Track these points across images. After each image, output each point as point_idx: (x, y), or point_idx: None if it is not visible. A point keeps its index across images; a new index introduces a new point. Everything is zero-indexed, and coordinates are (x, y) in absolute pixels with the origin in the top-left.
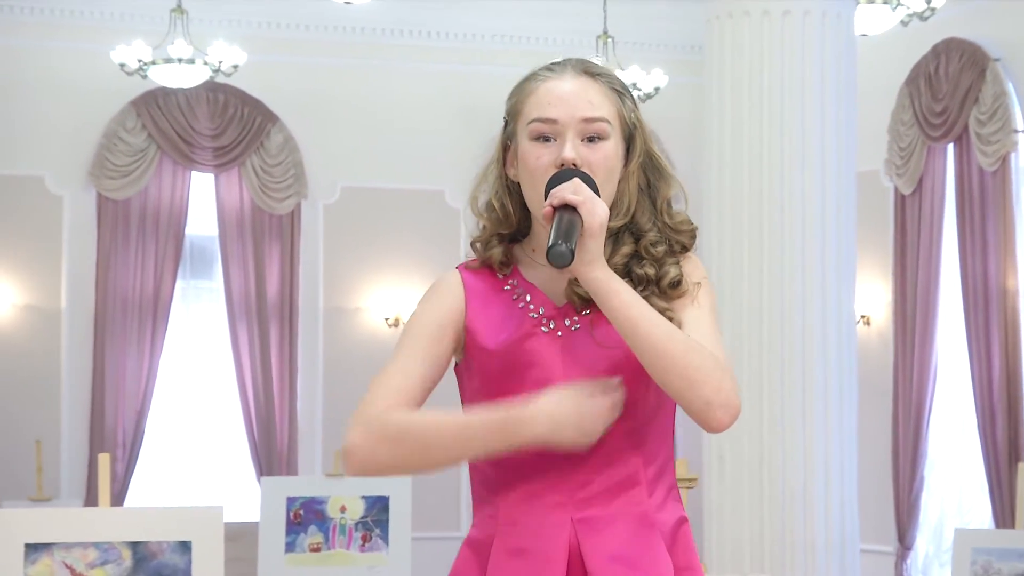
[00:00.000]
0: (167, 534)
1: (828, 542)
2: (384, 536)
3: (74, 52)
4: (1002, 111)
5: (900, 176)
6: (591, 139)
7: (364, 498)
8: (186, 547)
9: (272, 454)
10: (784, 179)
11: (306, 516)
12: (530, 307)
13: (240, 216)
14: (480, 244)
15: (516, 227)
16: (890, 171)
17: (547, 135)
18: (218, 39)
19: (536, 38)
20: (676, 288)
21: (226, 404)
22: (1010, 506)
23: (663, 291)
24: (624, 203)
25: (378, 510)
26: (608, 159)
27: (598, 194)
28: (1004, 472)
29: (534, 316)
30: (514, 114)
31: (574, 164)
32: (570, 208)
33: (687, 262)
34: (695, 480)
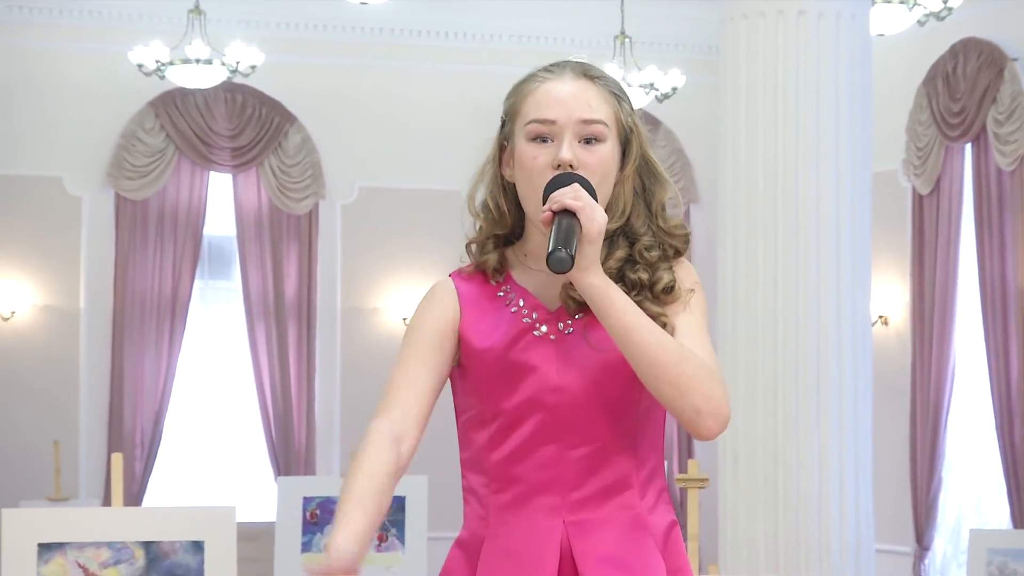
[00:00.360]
0: (180, 534)
1: (843, 543)
2: (400, 536)
3: (92, 53)
4: (1020, 111)
5: (918, 176)
6: (588, 141)
7: None
8: (199, 547)
9: (290, 454)
10: (799, 179)
11: (322, 516)
12: (523, 312)
13: (258, 216)
14: (476, 246)
15: (511, 228)
16: (908, 171)
17: (544, 136)
18: (235, 40)
19: (554, 38)
20: (669, 294)
21: (244, 404)
22: None
23: (656, 296)
24: (619, 206)
25: (394, 510)
26: (605, 162)
27: (596, 200)
28: (1022, 472)
29: (527, 321)
30: (512, 114)
31: (571, 165)
32: (569, 213)
33: (680, 267)
34: (706, 480)
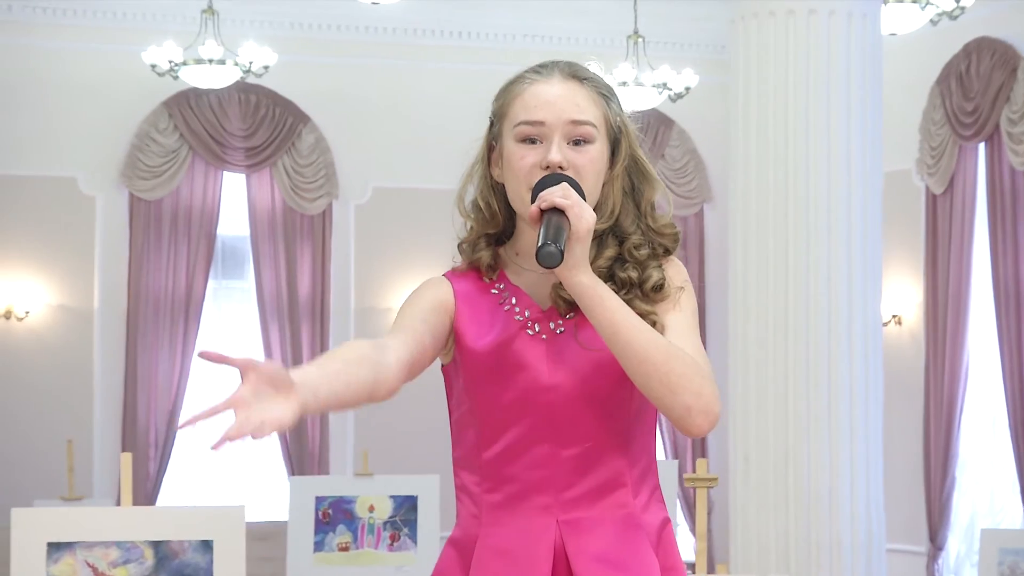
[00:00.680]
0: (189, 533)
1: (854, 542)
2: (412, 535)
3: (105, 53)
4: None
5: (931, 175)
6: (577, 142)
7: (392, 497)
8: (208, 546)
9: (304, 454)
10: (809, 179)
11: (335, 515)
12: (515, 310)
13: (272, 216)
14: (467, 245)
15: (502, 227)
16: (921, 171)
17: (533, 137)
18: (249, 40)
19: (566, 38)
20: (659, 292)
21: None
22: None
23: (645, 294)
24: (608, 206)
25: (406, 509)
26: (594, 162)
27: (585, 200)
28: None
29: (519, 319)
30: (500, 115)
31: (560, 167)
32: (558, 211)
33: (669, 266)
34: (715, 480)
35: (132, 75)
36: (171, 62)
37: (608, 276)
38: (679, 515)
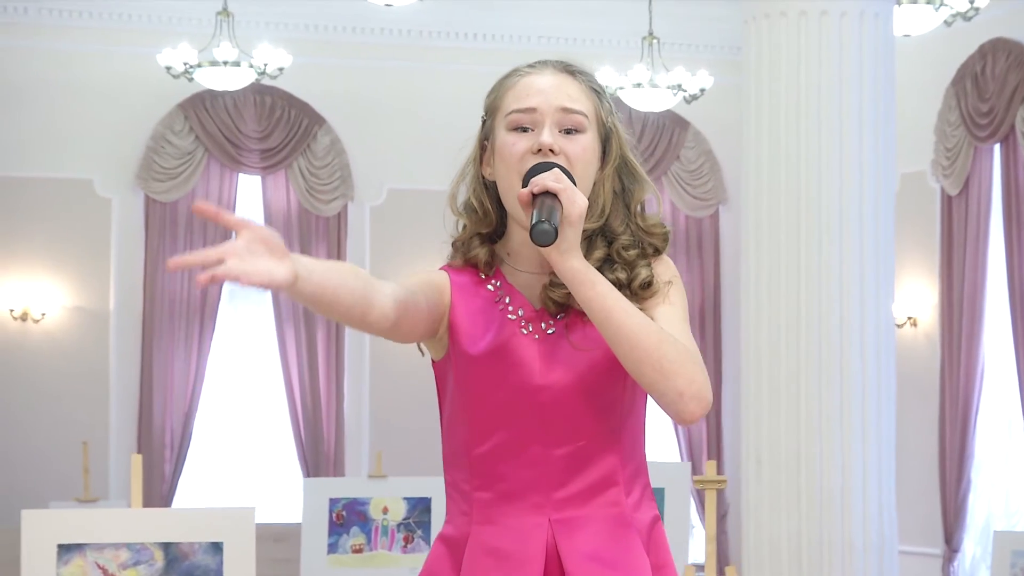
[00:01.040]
0: (199, 535)
1: (866, 543)
2: (426, 537)
3: (121, 56)
4: None
5: (946, 177)
6: (568, 131)
7: (406, 499)
8: (218, 548)
9: (319, 455)
10: (822, 180)
11: (348, 517)
12: (509, 309)
13: (287, 218)
14: (461, 244)
15: (495, 226)
16: (936, 172)
17: (525, 125)
18: (263, 42)
19: (581, 40)
20: (647, 289)
21: (273, 406)
22: None
23: (634, 292)
24: (599, 206)
25: (420, 511)
26: (585, 151)
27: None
28: None
29: (513, 318)
30: (492, 110)
31: (552, 150)
32: (550, 196)
33: (659, 263)
34: (724, 482)
35: (147, 77)
36: (186, 64)
37: None
38: (694, 516)
